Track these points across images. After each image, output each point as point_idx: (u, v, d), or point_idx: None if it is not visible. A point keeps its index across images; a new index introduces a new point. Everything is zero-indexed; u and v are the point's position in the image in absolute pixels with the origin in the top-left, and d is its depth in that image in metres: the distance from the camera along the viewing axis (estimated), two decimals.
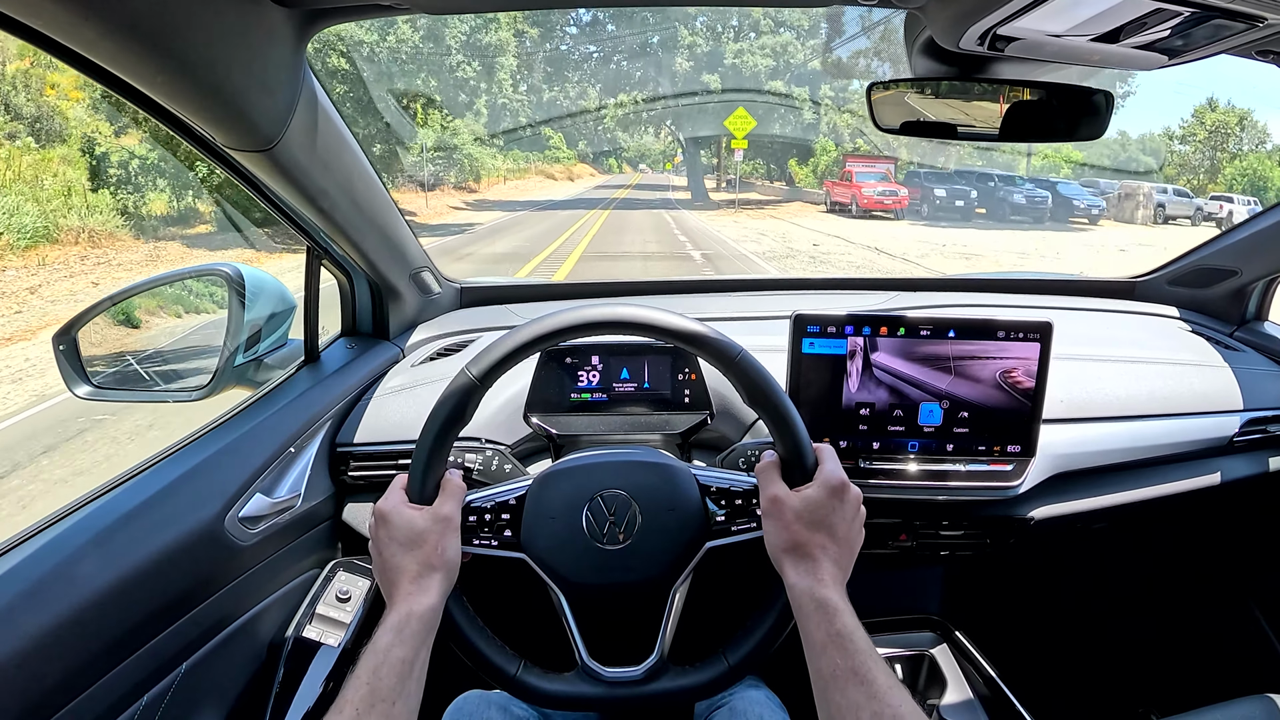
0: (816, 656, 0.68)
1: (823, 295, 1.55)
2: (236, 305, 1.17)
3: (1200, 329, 1.44)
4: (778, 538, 0.75)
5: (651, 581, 0.80)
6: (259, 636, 1.10)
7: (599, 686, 0.80)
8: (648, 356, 1.13)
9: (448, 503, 0.78)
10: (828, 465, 0.78)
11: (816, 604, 0.70)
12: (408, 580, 0.73)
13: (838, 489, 0.76)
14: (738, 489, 0.83)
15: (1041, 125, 1.02)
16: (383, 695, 0.64)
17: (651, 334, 0.80)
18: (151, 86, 0.72)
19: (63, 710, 0.77)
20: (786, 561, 0.74)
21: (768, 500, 0.77)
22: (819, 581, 0.72)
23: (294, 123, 0.84)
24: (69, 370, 1.17)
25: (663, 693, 0.80)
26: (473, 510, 0.82)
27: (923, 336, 1.04)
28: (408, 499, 0.78)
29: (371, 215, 1.13)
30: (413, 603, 0.71)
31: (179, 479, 0.93)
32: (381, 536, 0.77)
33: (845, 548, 0.76)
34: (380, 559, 0.76)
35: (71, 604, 0.77)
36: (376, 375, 1.25)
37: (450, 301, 1.48)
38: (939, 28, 0.82)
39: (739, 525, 0.81)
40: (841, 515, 0.76)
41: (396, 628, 0.69)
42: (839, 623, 0.68)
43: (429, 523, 0.76)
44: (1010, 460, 1.09)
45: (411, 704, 0.67)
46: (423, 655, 0.70)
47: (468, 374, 0.78)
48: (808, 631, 0.70)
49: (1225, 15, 0.74)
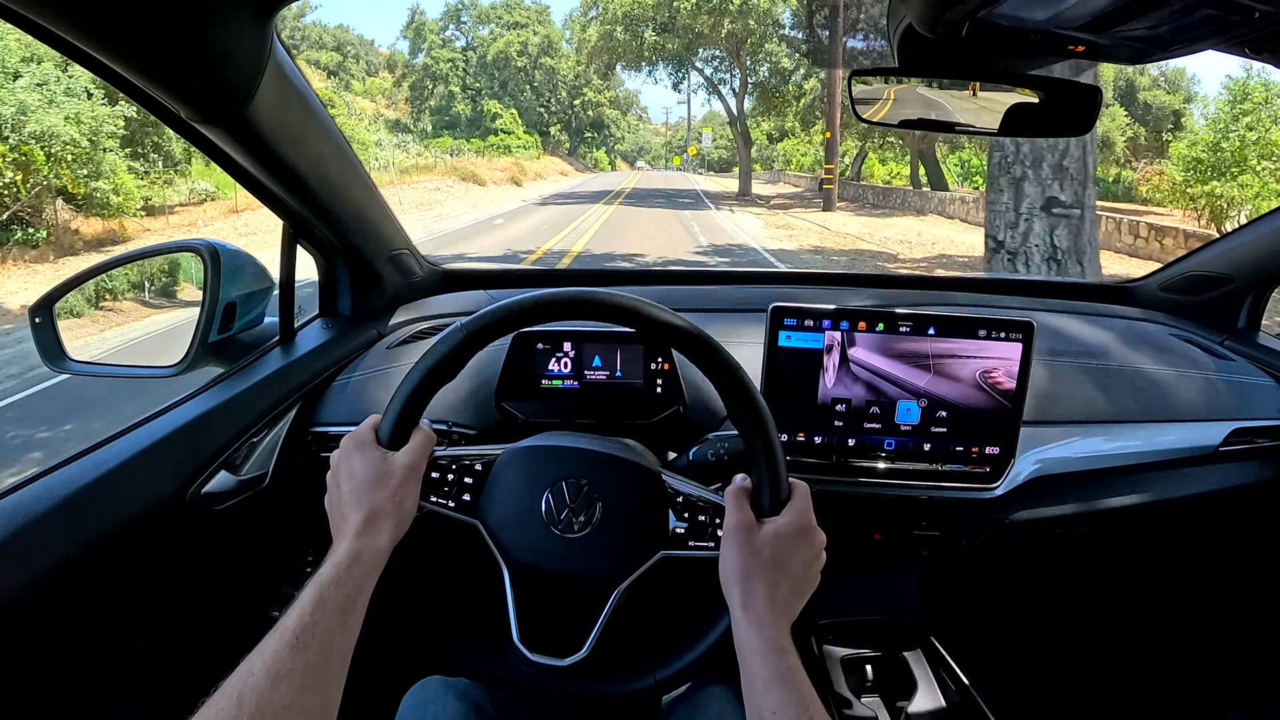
0: (757, 695, 0.66)
1: (804, 290, 1.54)
2: (213, 281, 1.16)
3: (1191, 336, 1.42)
4: (733, 565, 0.73)
5: (597, 576, 0.78)
6: (220, 613, 1.09)
7: (522, 670, 0.78)
8: (620, 345, 1.12)
9: (415, 451, 0.76)
10: (799, 503, 0.76)
11: (762, 640, 0.68)
12: (361, 519, 0.71)
13: (804, 529, 0.74)
14: (704, 504, 0.80)
15: (1026, 120, 1.00)
16: (323, 627, 0.62)
17: (650, 329, 0.77)
18: (108, 54, 0.71)
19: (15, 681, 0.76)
20: (737, 591, 0.72)
21: (731, 525, 0.74)
22: (767, 618, 0.70)
23: (259, 95, 0.83)
24: (46, 344, 1.16)
25: (581, 692, 0.79)
26: (437, 467, 0.80)
27: (902, 333, 1.02)
28: (376, 440, 0.77)
29: (347, 193, 1.11)
30: (363, 542, 0.69)
31: (143, 452, 0.92)
32: (342, 470, 0.75)
33: (798, 590, 0.74)
34: (336, 493, 0.75)
35: (27, 576, 0.76)
36: (352, 356, 1.24)
37: (431, 285, 1.47)
38: (917, 13, 0.80)
39: (696, 541, 0.79)
40: (802, 556, 0.74)
41: (346, 564, 0.67)
42: (785, 662, 0.66)
43: (393, 467, 0.74)
44: (989, 462, 1.07)
45: (349, 639, 0.65)
46: (365, 594, 0.68)
47: (461, 331, 0.76)
48: (749, 666, 0.68)
49: (1216, 6, 0.72)
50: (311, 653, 0.61)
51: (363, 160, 1.15)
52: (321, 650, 0.62)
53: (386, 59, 64.22)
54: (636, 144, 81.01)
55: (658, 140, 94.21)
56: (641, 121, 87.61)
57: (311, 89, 0.96)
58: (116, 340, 4.69)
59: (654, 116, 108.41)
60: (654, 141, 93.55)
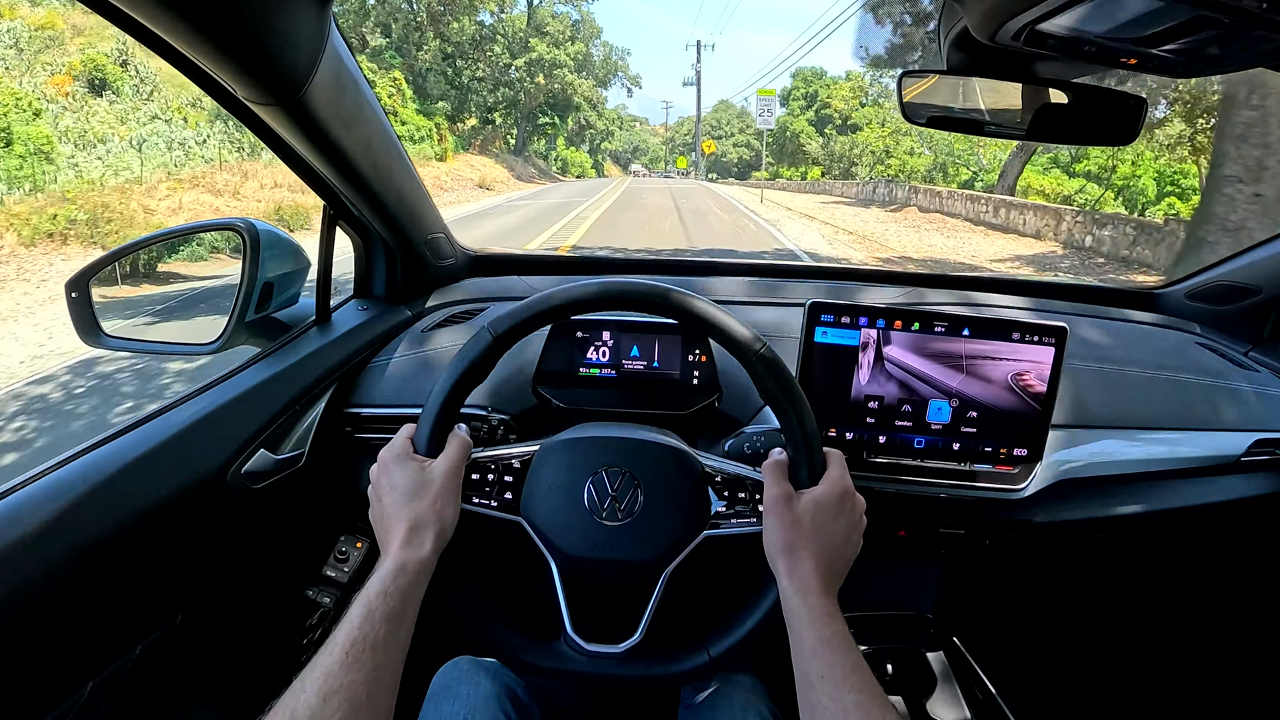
0: (805, 660, 0.68)
1: (838, 285, 1.54)
2: (250, 260, 1.17)
3: (1216, 345, 1.42)
4: (776, 537, 0.75)
5: (644, 562, 0.80)
6: (256, 591, 1.11)
7: (578, 659, 0.80)
8: (658, 335, 1.13)
9: (453, 458, 0.78)
10: (835, 471, 0.78)
11: (809, 608, 0.70)
12: (404, 530, 0.73)
13: (842, 496, 0.76)
14: (742, 482, 0.82)
15: (1071, 127, 1.01)
16: (372, 641, 0.64)
17: (675, 316, 0.79)
18: (172, 33, 0.72)
19: (56, 654, 0.78)
20: (782, 562, 0.74)
21: (771, 499, 0.77)
22: (813, 586, 0.72)
23: (317, 78, 0.84)
24: (81, 319, 1.18)
25: (639, 675, 0.80)
26: (477, 468, 0.82)
27: (937, 332, 1.03)
28: (413, 449, 0.79)
29: (390, 178, 1.12)
30: (407, 553, 0.71)
31: (183, 431, 0.94)
32: (383, 484, 0.77)
33: (841, 555, 0.76)
34: (379, 506, 0.77)
35: (70, 549, 0.78)
36: (387, 338, 1.25)
37: (463, 269, 1.48)
38: (976, 20, 0.81)
39: (739, 518, 0.81)
40: (843, 523, 0.76)
41: (391, 576, 0.69)
42: (830, 628, 0.68)
43: (432, 475, 0.76)
44: (1016, 464, 1.08)
45: (399, 652, 0.67)
46: (413, 606, 0.70)
47: (489, 332, 0.78)
48: (797, 634, 0.70)
49: (1268, 26, 0.73)
50: (361, 668, 0.62)
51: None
52: (372, 665, 0.63)
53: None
54: (630, 142, 64.60)
55: (655, 140, 77.64)
56: (639, 123, 71.69)
57: (363, 74, 0.97)
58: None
59: (653, 118, 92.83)
60: (651, 142, 76.44)
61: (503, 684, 0.95)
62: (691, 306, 0.78)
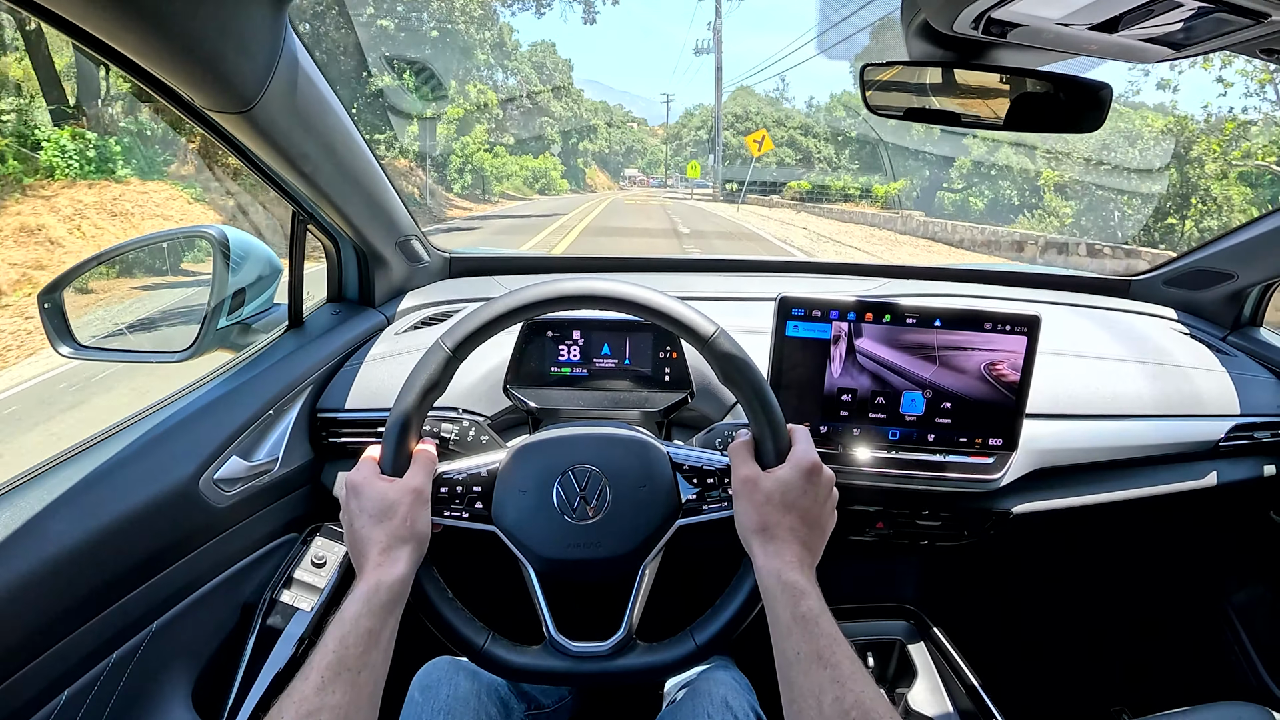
0: (781, 638, 0.68)
1: (811, 279, 1.54)
2: (221, 267, 1.16)
3: (1194, 331, 1.43)
4: (748, 518, 0.75)
5: (621, 558, 0.80)
6: (232, 598, 1.10)
7: (565, 660, 0.80)
8: (629, 333, 1.13)
9: (419, 474, 0.78)
10: (800, 446, 0.78)
11: (783, 586, 0.70)
12: (377, 551, 0.73)
13: (810, 470, 0.76)
14: (710, 468, 0.82)
15: (1039, 116, 1.01)
16: (349, 664, 0.64)
17: (628, 309, 0.79)
18: (125, 44, 0.71)
19: (29, 665, 0.77)
20: (756, 542, 0.74)
21: (739, 480, 0.77)
22: (787, 563, 0.72)
23: (273, 85, 0.83)
24: (53, 328, 1.17)
25: (629, 669, 0.80)
26: (444, 482, 0.82)
27: (908, 324, 1.03)
28: (379, 470, 0.78)
29: (356, 181, 1.12)
30: (382, 573, 0.71)
31: (155, 438, 0.93)
32: (352, 508, 0.77)
33: (816, 530, 0.76)
34: (351, 530, 0.76)
35: (41, 560, 0.77)
36: (360, 342, 1.25)
37: (439, 270, 1.48)
38: (934, 9, 0.80)
39: (710, 504, 0.81)
40: (813, 497, 0.76)
41: (365, 598, 0.69)
42: (805, 605, 0.68)
43: (399, 494, 0.76)
44: (992, 453, 1.09)
45: (377, 674, 0.67)
46: (390, 626, 0.70)
47: (442, 345, 0.78)
48: (774, 613, 0.70)
49: (1229, 9, 0.73)
50: (338, 692, 0.62)
51: None
52: (349, 688, 0.63)
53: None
54: (624, 143, 48.46)
55: (654, 141, 57.92)
56: (636, 124, 53.90)
57: (323, 77, 0.96)
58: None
59: (651, 118, 71.56)
60: (649, 143, 57.54)
61: (483, 683, 0.95)
62: (644, 299, 0.78)
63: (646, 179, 51.82)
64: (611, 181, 47.05)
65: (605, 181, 46.41)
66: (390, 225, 1.27)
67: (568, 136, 39.65)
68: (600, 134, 49.04)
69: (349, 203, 1.13)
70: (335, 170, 1.05)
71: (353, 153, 1.08)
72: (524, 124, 36.97)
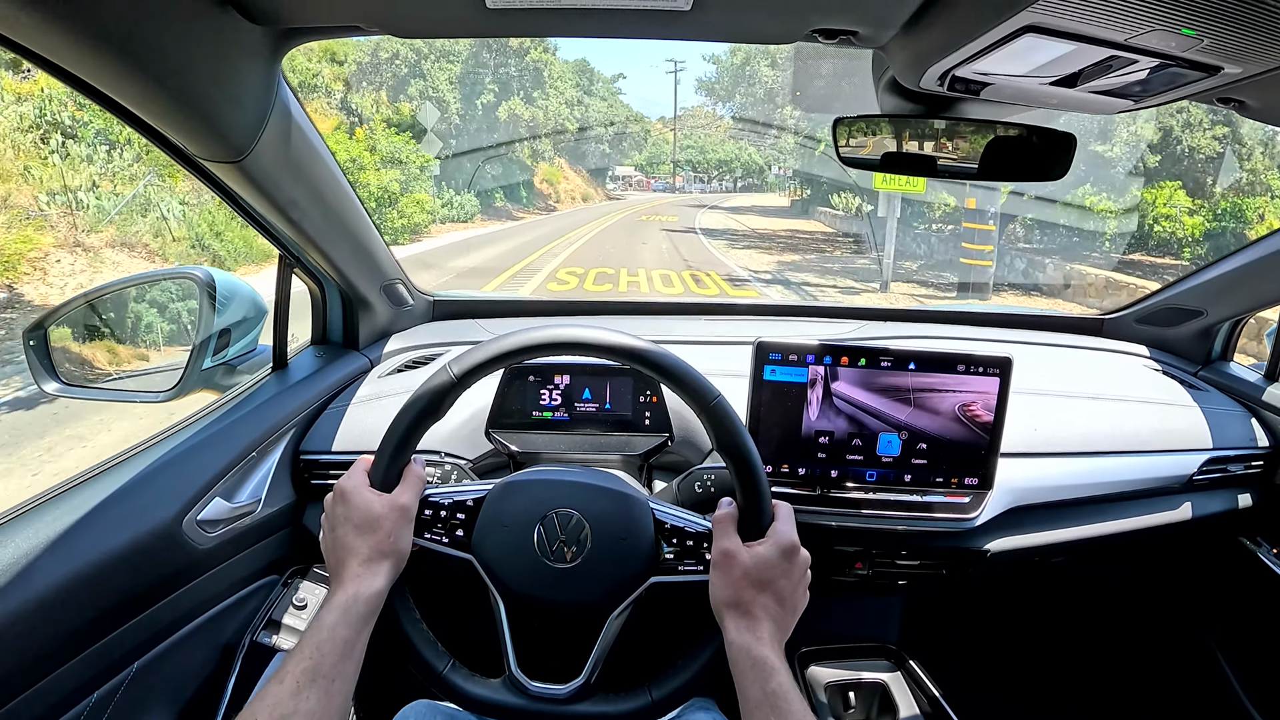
0: (750, 713, 0.69)
1: (789, 322, 1.57)
2: (207, 309, 1.17)
3: (1166, 367, 1.45)
4: (723, 591, 0.76)
5: (591, 605, 0.81)
6: (213, 640, 1.10)
7: (521, 698, 0.80)
8: (609, 377, 1.14)
9: (407, 492, 0.79)
10: (782, 525, 0.79)
11: (753, 662, 0.71)
12: (358, 562, 0.73)
13: (789, 550, 0.77)
14: (691, 529, 0.83)
15: (1010, 165, 1.03)
16: (324, 672, 0.65)
17: (637, 364, 0.80)
18: (121, 94, 0.73)
19: (10, 704, 0.77)
20: (728, 616, 0.75)
21: (719, 552, 0.78)
22: (758, 640, 0.73)
23: (265, 136, 0.85)
24: (38, 366, 1.18)
25: (583, 716, 0.80)
26: (430, 504, 0.83)
27: (883, 367, 1.05)
28: (369, 482, 0.79)
29: (343, 227, 1.13)
30: (361, 585, 0.72)
31: (137, 479, 0.94)
32: (338, 514, 0.77)
33: (788, 609, 0.77)
34: (333, 536, 0.77)
35: (22, 600, 0.77)
36: (344, 385, 1.25)
37: (423, 314, 1.49)
38: (900, 67, 0.84)
39: (686, 566, 0.82)
40: (789, 577, 0.77)
41: (343, 607, 0.70)
42: (775, 682, 0.69)
43: (386, 509, 0.76)
44: (968, 493, 1.10)
45: (349, 685, 0.68)
46: (364, 637, 0.71)
47: (449, 371, 0.79)
48: (743, 688, 0.71)
49: (1182, 64, 0.76)
50: (312, 698, 0.63)
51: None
52: (323, 694, 0.64)
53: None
54: (619, 130, 31.43)
55: (658, 126, 40.84)
56: (635, 121, 40.03)
57: (313, 124, 0.98)
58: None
59: (649, 113, 56.42)
60: (653, 130, 39.33)
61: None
62: (656, 358, 0.79)
63: (648, 181, 36.15)
64: (593, 187, 29.19)
65: (582, 188, 27.50)
66: (375, 269, 1.28)
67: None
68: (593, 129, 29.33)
69: (335, 247, 1.14)
70: (322, 216, 1.07)
71: (339, 199, 1.10)
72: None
